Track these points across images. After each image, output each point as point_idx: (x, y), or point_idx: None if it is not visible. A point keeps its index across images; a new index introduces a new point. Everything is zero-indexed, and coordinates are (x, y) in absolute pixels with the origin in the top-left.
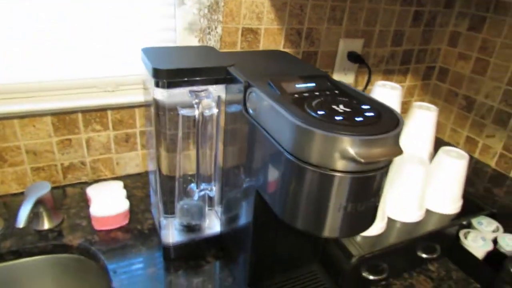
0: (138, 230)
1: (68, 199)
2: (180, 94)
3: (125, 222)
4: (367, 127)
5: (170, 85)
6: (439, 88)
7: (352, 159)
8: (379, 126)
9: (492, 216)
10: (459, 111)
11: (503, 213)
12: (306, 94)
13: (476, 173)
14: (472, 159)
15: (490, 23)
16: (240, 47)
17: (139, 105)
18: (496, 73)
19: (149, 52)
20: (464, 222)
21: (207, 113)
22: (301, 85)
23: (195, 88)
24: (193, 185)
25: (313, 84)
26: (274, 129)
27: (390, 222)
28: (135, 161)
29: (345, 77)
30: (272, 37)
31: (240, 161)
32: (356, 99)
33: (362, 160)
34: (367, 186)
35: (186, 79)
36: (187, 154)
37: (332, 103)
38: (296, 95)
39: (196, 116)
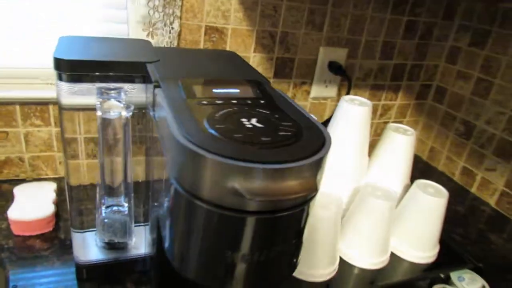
0: (60, 240)
1: None
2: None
3: (47, 229)
4: (271, 149)
5: (73, 80)
6: (435, 110)
7: (237, 194)
8: (289, 150)
9: (478, 271)
10: (456, 137)
11: (495, 267)
12: (219, 102)
13: (471, 212)
14: (468, 194)
15: (495, 39)
16: (203, 46)
17: None
18: (500, 96)
19: (65, 41)
20: (441, 275)
21: (110, 115)
22: (219, 90)
23: (106, 85)
24: (103, 203)
25: (236, 91)
26: (164, 141)
27: (344, 266)
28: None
29: (326, 89)
30: (240, 39)
31: (159, 169)
32: (281, 113)
33: (248, 196)
34: (275, 230)
35: (95, 73)
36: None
37: (244, 116)
38: (204, 102)
39: (98, 118)
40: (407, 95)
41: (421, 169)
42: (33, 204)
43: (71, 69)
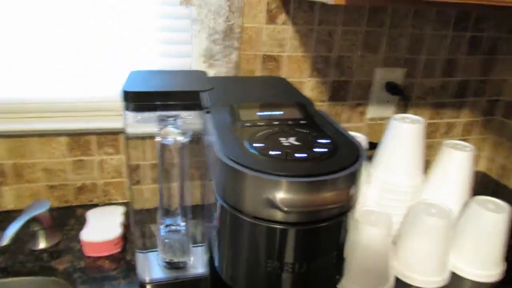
0: (126, 261)
1: (73, 220)
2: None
3: (116, 250)
4: (305, 165)
5: (138, 109)
6: (505, 126)
7: (274, 206)
8: (324, 165)
9: None
10: None
11: None
12: (261, 123)
13: None
14: None
15: None
16: (261, 74)
17: None
18: None
19: (133, 76)
20: None
21: (168, 141)
22: (262, 113)
23: (165, 113)
24: (161, 227)
25: (280, 113)
26: (212, 164)
27: (400, 285)
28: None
29: (383, 110)
30: (296, 65)
31: (210, 198)
32: (320, 132)
33: (285, 208)
34: (314, 242)
35: (155, 102)
36: (168, 186)
37: (283, 135)
38: (248, 124)
39: (157, 144)
40: (473, 112)
41: (491, 188)
42: (103, 226)
43: (135, 100)
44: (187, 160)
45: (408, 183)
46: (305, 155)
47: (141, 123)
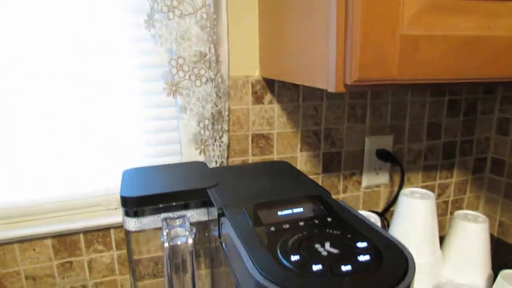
0: None
1: None
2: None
3: None
4: (356, 281)
5: (139, 214)
6: (495, 183)
7: None
8: (374, 278)
9: None
10: None
11: None
12: (286, 226)
13: None
14: None
15: None
16: (252, 153)
17: None
18: None
19: (128, 175)
20: None
21: (177, 243)
22: (283, 213)
23: (169, 215)
24: None
25: (301, 210)
26: (239, 274)
27: None
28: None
29: (377, 177)
30: (286, 141)
31: (225, 279)
32: (352, 231)
33: None
34: None
35: (161, 205)
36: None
37: (316, 240)
38: (272, 228)
39: (166, 248)
40: (463, 171)
41: (495, 247)
42: None
43: (136, 205)
44: (194, 255)
45: (429, 261)
46: (350, 267)
47: (143, 228)
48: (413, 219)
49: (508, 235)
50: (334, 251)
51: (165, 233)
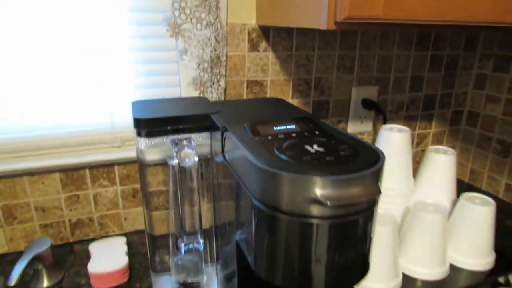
0: None
1: (73, 256)
2: (165, 146)
3: (123, 279)
4: (337, 166)
5: (150, 135)
6: (470, 133)
7: (317, 202)
8: (352, 165)
9: None
10: (495, 156)
11: None
12: (281, 136)
13: None
14: None
15: None
16: (247, 98)
17: None
18: None
19: (137, 105)
20: (500, 280)
21: (186, 163)
22: (279, 128)
23: (177, 137)
24: (180, 242)
25: (293, 126)
26: (243, 174)
27: (407, 280)
28: (143, 216)
29: (361, 125)
30: (279, 88)
31: (226, 211)
32: (335, 138)
33: (328, 203)
34: (347, 233)
35: (168, 127)
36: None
37: (306, 143)
38: (269, 137)
39: (175, 166)
40: (441, 123)
41: (465, 191)
42: (108, 258)
43: (148, 126)
44: (195, 180)
45: (403, 187)
46: (333, 158)
47: (154, 148)
48: (391, 150)
49: (477, 181)
50: (321, 149)
51: (175, 152)
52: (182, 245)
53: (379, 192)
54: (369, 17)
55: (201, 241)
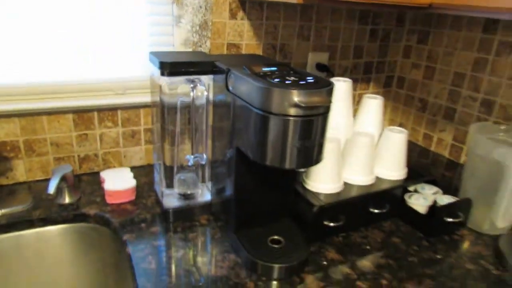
0: (143, 203)
1: (83, 183)
2: (180, 86)
3: (132, 197)
4: (306, 85)
5: (171, 74)
6: (399, 94)
7: (295, 105)
8: (315, 86)
9: (434, 183)
10: (416, 112)
11: (449, 187)
12: (269, 73)
13: (432, 162)
14: (429, 152)
15: (433, 36)
16: None
17: (143, 106)
18: (441, 77)
19: (155, 54)
20: (411, 189)
21: (199, 101)
22: (266, 69)
23: (190, 77)
24: (188, 156)
25: (275, 68)
26: (246, 95)
27: (348, 185)
28: (139, 154)
29: None
30: (252, 50)
31: (225, 134)
32: (304, 74)
33: (303, 105)
34: (311, 127)
35: (183, 69)
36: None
37: (285, 76)
38: (261, 73)
39: (193, 96)
40: (377, 85)
41: None
42: (119, 180)
43: (170, 68)
44: (204, 111)
45: (345, 122)
46: (304, 82)
47: (173, 86)
48: (337, 95)
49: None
50: (296, 78)
51: (191, 88)
52: (191, 158)
53: (330, 101)
54: None
55: (205, 156)
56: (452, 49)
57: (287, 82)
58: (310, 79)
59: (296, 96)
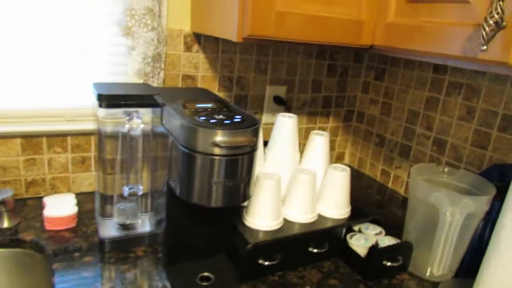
0: (82, 231)
1: (27, 208)
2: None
3: (72, 224)
4: (230, 125)
5: (108, 106)
6: (358, 129)
7: (216, 145)
8: (239, 125)
9: (378, 223)
10: (375, 147)
11: (397, 227)
12: (200, 110)
13: (389, 199)
14: (387, 189)
15: (389, 73)
16: None
17: (93, 133)
18: (397, 114)
19: (96, 85)
20: (355, 228)
21: (135, 129)
22: (201, 105)
23: (128, 109)
24: (124, 186)
25: (210, 105)
26: (175, 131)
27: (287, 222)
28: (88, 180)
29: (273, 116)
30: (208, 83)
31: (163, 166)
32: (235, 113)
33: (223, 145)
34: (236, 166)
35: (122, 102)
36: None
37: (214, 114)
38: (193, 110)
39: (128, 128)
40: (336, 119)
41: (354, 175)
42: (61, 207)
43: (107, 100)
44: (140, 143)
45: (290, 158)
46: (230, 121)
47: (110, 117)
48: (283, 130)
49: (363, 167)
50: (223, 117)
51: (126, 121)
52: (127, 189)
53: (255, 141)
54: (265, 36)
55: (141, 187)
56: (407, 87)
57: (212, 121)
58: (237, 118)
59: (218, 136)
